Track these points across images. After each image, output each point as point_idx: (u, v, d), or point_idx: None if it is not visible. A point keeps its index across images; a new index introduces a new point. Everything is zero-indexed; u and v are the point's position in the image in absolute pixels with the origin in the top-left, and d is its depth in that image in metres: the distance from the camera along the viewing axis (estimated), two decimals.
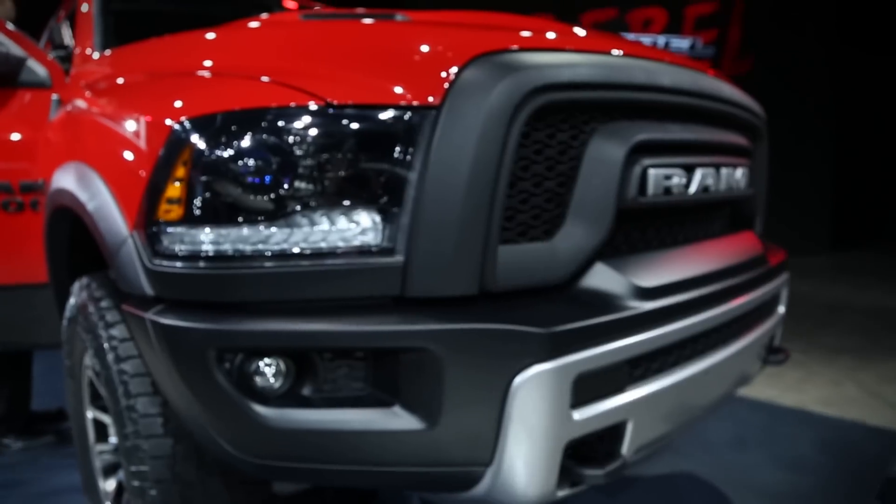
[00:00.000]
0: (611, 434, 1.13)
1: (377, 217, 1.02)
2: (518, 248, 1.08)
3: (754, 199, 1.72)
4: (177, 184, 1.07)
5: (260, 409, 1.02)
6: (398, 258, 1.01)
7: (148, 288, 1.10)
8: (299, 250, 1.02)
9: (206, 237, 1.04)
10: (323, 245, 1.02)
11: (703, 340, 1.34)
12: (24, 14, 2.66)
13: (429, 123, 1.01)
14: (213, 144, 1.03)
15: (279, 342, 1.00)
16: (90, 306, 1.37)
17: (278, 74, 1.09)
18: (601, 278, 1.16)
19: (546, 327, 1.00)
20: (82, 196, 1.34)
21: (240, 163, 1.02)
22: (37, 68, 1.92)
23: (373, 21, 1.35)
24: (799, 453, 2.40)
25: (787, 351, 1.77)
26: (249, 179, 1.02)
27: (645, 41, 6.44)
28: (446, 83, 1.02)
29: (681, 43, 7.26)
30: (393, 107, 1.01)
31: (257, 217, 1.02)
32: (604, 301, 1.13)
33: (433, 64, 1.05)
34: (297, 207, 1.02)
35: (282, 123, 1.01)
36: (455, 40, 1.12)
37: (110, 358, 1.27)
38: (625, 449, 1.15)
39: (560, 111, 1.12)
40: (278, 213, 1.02)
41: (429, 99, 1.01)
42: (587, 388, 1.05)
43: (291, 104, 1.02)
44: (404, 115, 1.01)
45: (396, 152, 1.01)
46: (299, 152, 1.01)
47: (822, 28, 7.05)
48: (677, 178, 1.29)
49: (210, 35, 1.39)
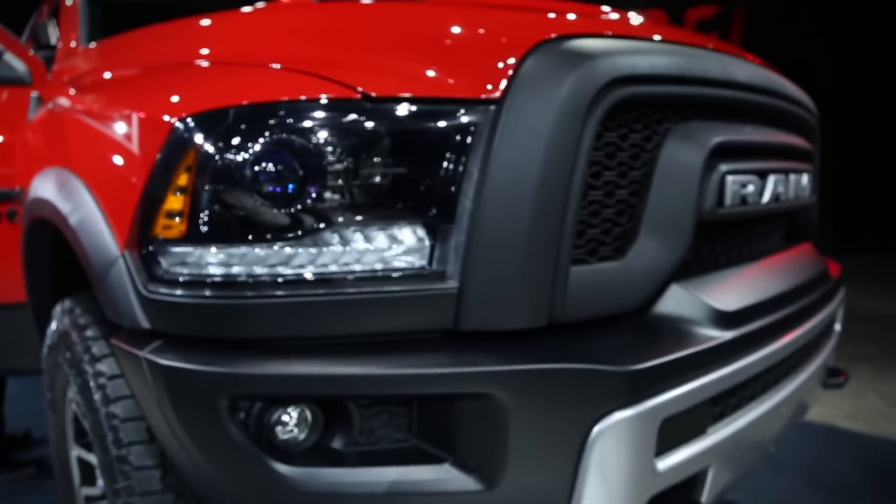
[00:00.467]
0: (689, 482, 0.98)
1: (425, 234, 0.84)
2: (589, 270, 0.92)
3: (814, 208, 1.57)
4: (178, 194, 0.88)
5: (282, 469, 0.84)
6: (451, 284, 0.84)
7: (143, 319, 0.91)
8: (329, 276, 0.84)
9: (215, 259, 0.86)
10: (358, 269, 0.85)
11: (778, 368, 1.19)
12: (3, 14, 2.46)
13: (487, 122, 0.83)
14: (223, 145, 0.85)
15: (306, 389, 0.82)
16: (73, 335, 1.18)
17: (302, 62, 0.91)
18: (678, 302, 1.00)
19: (629, 365, 0.84)
20: (63, 207, 1.15)
21: (256, 168, 0.84)
22: (14, 63, 1.74)
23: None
24: (840, 477, 2.25)
25: (846, 372, 1.63)
26: (269, 188, 0.84)
27: None
28: (508, 73, 0.84)
29: None
30: (443, 101, 0.84)
31: (278, 234, 0.84)
32: (683, 330, 0.98)
33: (490, 50, 0.88)
34: (327, 223, 0.84)
35: (308, 120, 0.83)
36: (513, 23, 0.95)
37: (97, 398, 1.08)
38: (704, 497, 1.01)
39: (633, 108, 0.95)
40: (304, 230, 0.84)
41: (488, 92, 0.84)
42: (671, 434, 0.91)
43: (321, 97, 0.84)
44: (458, 112, 0.84)
45: (448, 156, 0.84)
46: (330, 155, 0.83)
47: (823, 30, 7.00)
48: (752, 186, 1.14)
49: (217, 19, 1.20)
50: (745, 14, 7.14)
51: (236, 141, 0.85)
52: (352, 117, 0.83)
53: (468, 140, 0.83)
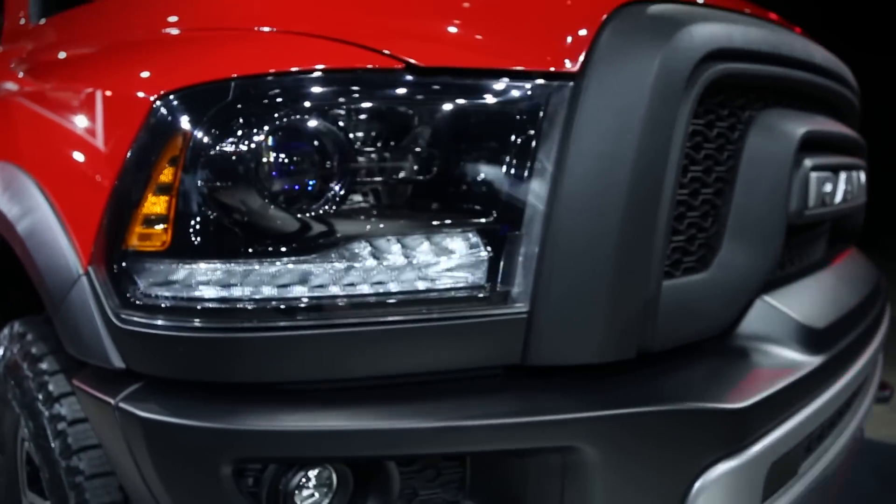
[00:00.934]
0: None
1: (484, 243, 0.66)
2: (673, 286, 0.75)
3: (863, 210, 1.45)
4: (160, 194, 0.69)
5: None
6: (519, 307, 0.66)
7: (114, 356, 0.71)
8: (360, 298, 0.65)
9: (209, 277, 0.67)
10: (396, 289, 0.66)
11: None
12: None
13: (563, 102, 0.66)
14: (222, 130, 0.66)
15: (336, 449, 0.63)
16: (24, 367, 0.96)
17: (326, 26, 0.71)
18: (765, 321, 0.85)
19: (734, 402, 0.68)
20: (10, 211, 0.93)
21: (265, 159, 0.65)
22: None
23: None
24: (865, 489, 2.16)
25: (892, 386, 1.52)
26: (281, 185, 0.65)
27: None
28: (587, 42, 0.67)
29: None
30: (508, 73, 0.66)
31: (293, 245, 0.65)
32: (774, 353, 0.83)
33: (563, 14, 0.70)
34: (358, 230, 0.65)
35: (334, 96, 0.64)
36: None
37: (56, 447, 0.87)
38: None
39: (720, 90, 0.79)
40: (327, 240, 0.65)
41: (564, 65, 0.66)
42: (775, 480, 0.77)
43: (352, 67, 0.65)
44: (526, 87, 0.66)
45: (514, 144, 0.66)
46: (362, 142, 0.64)
47: (823, 29, 7.08)
48: (829, 185, 0.99)
49: None
50: None
51: (238, 123, 0.65)
52: (392, 93, 0.65)
53: (539, 124, 0.66)
